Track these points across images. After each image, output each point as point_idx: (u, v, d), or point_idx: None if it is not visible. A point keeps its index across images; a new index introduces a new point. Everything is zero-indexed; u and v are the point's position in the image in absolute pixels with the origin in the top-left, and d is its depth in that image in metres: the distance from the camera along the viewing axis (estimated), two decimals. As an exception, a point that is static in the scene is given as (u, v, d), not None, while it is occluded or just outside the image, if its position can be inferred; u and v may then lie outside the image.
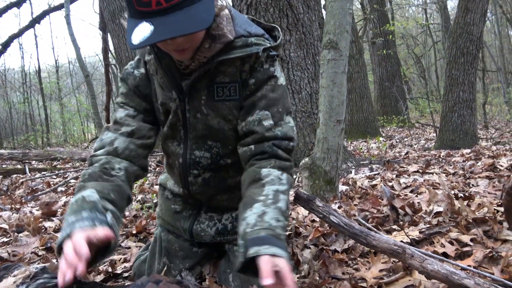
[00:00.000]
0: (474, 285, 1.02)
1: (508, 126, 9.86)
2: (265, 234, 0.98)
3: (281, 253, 0.94)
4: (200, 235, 1.41)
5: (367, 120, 8.67)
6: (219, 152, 1.30)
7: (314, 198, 1.19)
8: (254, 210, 1.05)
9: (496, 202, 2.03)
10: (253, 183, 1.14)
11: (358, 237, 1.11)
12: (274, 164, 1.15)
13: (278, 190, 1.10)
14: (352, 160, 3.88)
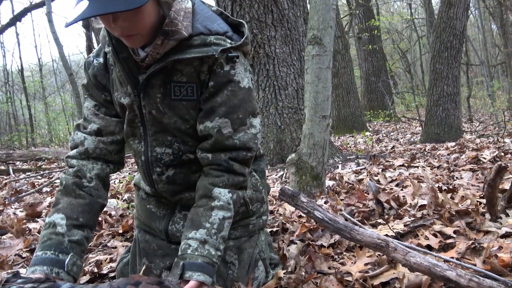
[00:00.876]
0: (456, 276, 1.04)
1: (491, 119, 10.01)
2: (202, 261, 1.12)
3: (208, 280, 1.11)
4: (176, 235, 1.34)
5: (354, 115, 8.73)
6: (180, 148, 1.27)
7: (298, 194, 1.20)
8: (198, 235, 1.16)
9: (479, 194, 2.06)
10: (204, 199, 1.22)
11: (342, 232, 1.11)
12: (226, 182, 1.20)
13: (224, 218, 1.19)
14: (339, 155, 3.91)
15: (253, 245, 1.36)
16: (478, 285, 1.03)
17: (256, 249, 1.38)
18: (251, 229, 1.38)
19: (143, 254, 1.41)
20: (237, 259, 1.33)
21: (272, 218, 2.18)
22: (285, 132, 3.79)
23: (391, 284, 1.25)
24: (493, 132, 6.69)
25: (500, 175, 1.56)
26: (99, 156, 1.30)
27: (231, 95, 1.19)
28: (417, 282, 1.14)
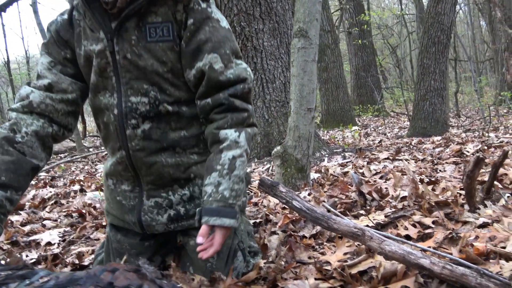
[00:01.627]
0: (430, 264, 1.06)
1: (478, 115, 10.15)
2: (216, 206, 1.13)
3: (226, 222, 1.12)
4: (152, 225, 1.29)
5: (343, 109, 8.77)
6: (157, 97, 1.20)
7: (277, 184, 1.20)
8: (211, 180, 1.16)
9: (460, 186, 2.09)
10: (214, 144, 1.21)
11: (320, 221, 1.13)
12: (231, 122, 1.19)
13: (234, 157, 1.17)
14: (325, 149, 3.93)
15: (231, 235, 1.33)
16: (451, 273, 1.05)
17: (235, 239, 1.35)
18: None
19: (116, 254, 1.38)
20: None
21: (256, 210, 2.19)
22: (272, 125, 3.80)
23: (368, 273, 1.27)
24: (479, 127, 6.78)
25: (478, 167, 1.58)
26: (43, 113, 1.23)
27: (213, 31, 1.18)
28: (392, 270, 1.16)
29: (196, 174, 1.29)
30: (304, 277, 1.32)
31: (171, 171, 1.25)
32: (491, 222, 1.55)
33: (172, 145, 1.24)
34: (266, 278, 1.36)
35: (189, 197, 1.30)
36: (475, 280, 1.04)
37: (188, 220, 1.31)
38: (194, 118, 1.27)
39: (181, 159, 1.26)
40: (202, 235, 1.12)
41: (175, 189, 1.29)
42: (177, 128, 1.24)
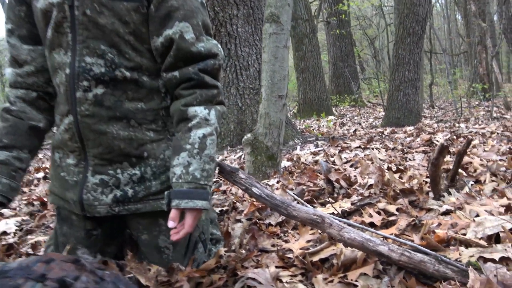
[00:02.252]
0: (388, 251, 1.05)
1: (451, 106, 10.38)
2: (187, 188, 1.06)
3: (199, 204, 1.06)
4: (93, 205, 1.16)
5: (320, 99, 8.79)
6: (114, 60, 1.10)
7: (237, 170, 1.16)
8: (180, 160, 1.09)
9: (426, 174, 2.11)
10: (181, 123, 1.14)
11: (279, 208, 1.09)
12: (200, 98, 1.13)
13: (204, 135, 1.11)
14: (299, 137, 3.92)
15: None
16: (409, 259, 1.04)
17: (196, 231, 1.27)
18: None
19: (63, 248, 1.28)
20: (172, 243, 1.21)
21: (224, 198, 2.15)
22: (246, 113, 3.75)
23: (330, 260, 1.25)
24: (451, 118, 6.93)
25: (442, 154, 1.58)
26: (22, 87, 1.24)
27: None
28: (352, 257, 1.14)
29: (150, 154, 1.18)
30: (265, 265, 1.29)
31: (122, 145, 1.14)
32: (454, 210, 1.56)
33: (127, 116, 1.14)
34: (227, 267, 1.33)
35: (139, 178, 1.17)
36: (432, 267, 1.03)
37: (136, 204, 1.18)
38: (155, 92, 1.18)
39: (135, 134, 1.15)
40: (173, 219, 1.06)
41: (125, 167, 1.17)
42: (134, 98, 1.14)
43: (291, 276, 1.21)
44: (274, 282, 1.18)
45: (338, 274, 1.13)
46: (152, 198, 1.18)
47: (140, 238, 1.24)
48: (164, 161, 1.19)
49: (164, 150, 1.19)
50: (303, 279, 1.20)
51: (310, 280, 1.18)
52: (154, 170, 1.18)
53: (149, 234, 1.22)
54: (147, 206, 1.18)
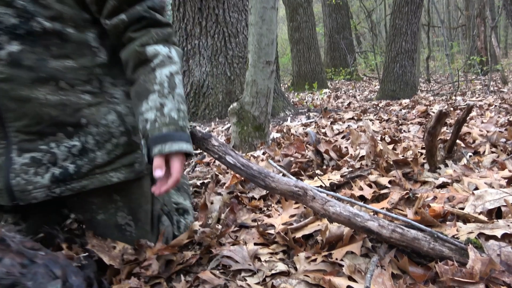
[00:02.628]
0: (378, 227, 0.93)
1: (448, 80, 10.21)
2: (167, 131, 0.95)
3: (184, 147, 0.95)
4: (27, 190, 0.95)
5: (315, 71, 8.57)
6: (26, 8, 0.91)
7: (209, 136, 1.02)
8: (150, 104, 0.97)
9: (422, 145, 1.99)
10: (140, 66, 1.01)
11: (256, 179, 0.96)
12: (157, 37, 1.01)
13: (172, 73, 1.01)
14: (290, 109, 3.76)
15: (148, 199, 1.12)
16: (402, 237, 0.92)
17: (157, 204, 1.15)
18: (138, 169, 1.08)
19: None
20: (132, 220, 1.09)
21: (207, 170, 2.03)
22: (235, 83, 3.58)
23: (314, 237, 1.13)
24: (448, 92, 6.78)
25: (440, 122, 1.45)
26: None
27: None
28: (338, 234, 1.02)
29: (90, 120, 1.01)
30: (243, 242, 1.17)
31: (53, 113, 0.96)
32: (451, 182, 1.44)
33: (54, 77, 0.96)
34: (201, 244, 1.21)
35: (80, 150, 1.00)
36: (427, 245, 0.92)
37: (80, 181, 1.00)
38: (86, 46, 1.00)
39: (68, 98, 0.98)
40: (159, 167, 0.93)
41: (60, 139, 0.98)
42: (61, 55, 0.96)
43: (271, 254, 1.10)
44: (252, 260, 1.06)
45: (322, 253, 1.01)
46: (99, 171, 1.02)
47: (96, 219, 1.07)
48: (108, 127, 1.03)
49: (106, 115, 1.03)
50: (284, 257, 1.09)
51: (292, 258, 1.06)
52: (97, 138, 1.01)
53: (105, 213, 1.07)
54: (94, 182, 1.01)
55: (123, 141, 1.05)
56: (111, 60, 1.06)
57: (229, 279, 0.99)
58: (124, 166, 1.05)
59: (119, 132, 1.04)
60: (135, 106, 1.02)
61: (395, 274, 0.93)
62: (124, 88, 1.09)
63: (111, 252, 1.07)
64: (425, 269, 0.93)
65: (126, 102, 1.08)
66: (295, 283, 0.91)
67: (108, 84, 1.06)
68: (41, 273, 0.59)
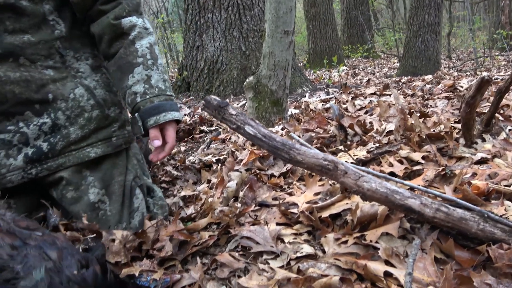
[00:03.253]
0: (420, 206, 0.81)
1: (470, 57, 9.82)
2: (159, 101, 1.00)
3: (176, 115, 1.01)
4: (1, 174, 0.92)
5: (331, 48, 8.31)
6: None
7: (226, 104, 0.91)
8: (137, 77, 1.01)
9: (454, 119, 1.84)
10: (117, 40, 1.03)
11: (280, 151, 0.85)
12: (129, 8, 1.03)
13: (151, 44, 1.04)
14: (308, 85, 3.62)
15: (122, 171, 1.07)
16: (447, 216, 0.81)
17: (130, 175, 1.09)
18: (115, 143, 1.06)
19: None
20: (106, 194, 1.03)
21: (222, 147, 1.93)
22: (250, 58, 3.44)
23: (343, 217, 1.03)
24: (471, 68, 6.49)
25: (481, 91, 1.31)
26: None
27: None
28: (371, 213, 0.91)
29: (57, 95, 0.97)
30: (264, 221, 1.07)
31: (16, 90, 0.92)
32: (491, 158, 1.31)
33: (12, 53, 0.91)
34: (219, 224, 1.12)
35: (51, 127, 0.97)
36: (476, 226, 0.80)
37: (56, 159, 0.97)
38: (42, 20, 0.96)
39: (30, 74, 0.94)
40: (157, 138, 0.99)
41: (28, 117, 0.95)
42: (17, 30, 0.92)
43: (294, 235, 0.99)
44: (275, 241, 0.96)
45: (354, 234, 0.91)
46: (75, 147, 0.99)
47: (66, 197, 1.00)
48: (77, 102, 1.00)
49: (73, 89, 1.00)
50: (310, 238, 0.98)
51: (318, 240, 0.96)
52: (67, 113, 0.99)
53: (76, 190, 1.00)
54: (71, 159, 0.98)
55: (96, 115, 1.03)
56: (71, 33, 1.03)
57: (250, 262, 0.90)
58: (101, 141, 1.03)
59: (89, 105, 1.02)
60: (118, 80, 1.03)
61: (438, 258, 0.82)
62: (88, 61, 1.07)
63: (112, 248, 0.97)
64: (473, 253, 0.81)
65: (92, 75, 1.06)
66: (324, 268, 0.81)
67: (71, 59, 1.03)
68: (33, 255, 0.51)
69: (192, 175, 1.62)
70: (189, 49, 3.63)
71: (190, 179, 1.54)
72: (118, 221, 1.04)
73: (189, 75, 3.67)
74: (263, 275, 0.83)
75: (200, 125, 2.46)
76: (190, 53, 3.64)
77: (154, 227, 1.05)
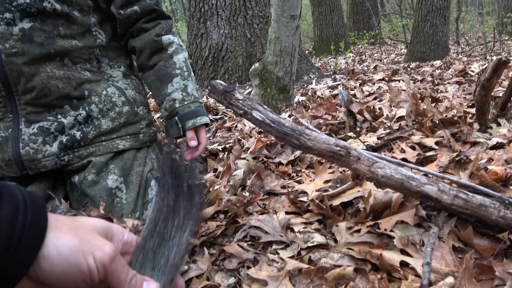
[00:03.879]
0: (437, 192, 0.77)
1: (479, 42, 9.63)
2: (195, 107, 1.15)
3: (207, 120, 1.18)
4: (36, 159, 1.00)
5: (337, 35, 8.18)
6: None
7: (233, 89, 0.88)
8: (175, 85, 1.15)
9: (467, 104, 1.79)
10: (156, 54, 1.17)
11: (289, 137, 0.82)
12: (166, 28, 1.18)
13: (185, 59, 1.19)
14: (314, 72, 3.55)
15: (141, 163, 1.14)
16: (466, 203, 0.77)
17: (147, 166, 1.16)
18: (142, 139, 1.18)
19: None
20: (123, 182, 1.08)
21: (228, 136, 1.89)
22: (255, 45, 3.38)
23: (354, 204, 0.99)
24: (480, 53, 6.36)
25: (497, 73, 1.26)
26: None
27: None
28: (385, 200, 0.88)
29: (91, 91, 1.09)
30: (273, 210, 1.04)
31: (60, 85, 1.02)
32: (507, 142, 1.27)
33: (61, 54, 1.02)
34: (227, 213, 1.09)
35: (85, 117, 1.07)
36: (497, 213, 0.76)
37: (87, 148, 1.06)
38: (87, 29, 1.10)
39: (72, 73, 1.05)
40: (193, 139, 1.14)
41: (66, 111, 1.05)
42: (67, 35, 1.04)
43: (305, 224, 0.96)
44: (284, 231, 0.93)
45: (367, 222, 0.87)
46: (105, 138, 1.09)
47: (86, 179, 1.06)
48: (109, 97, 1.11)
49: (106, 88, 1.12)
50: (321, 227, 0.95)
51: (330, 229, 0.93)
52: (100, 107, 1.09)
53: (97, 174, 1.07)
54: (101, 149, 1.08)
55: (126, 110, 1.13)
56: (109, 44, 1.17)
57: (259, 252, 0.87)
58: (130, 135, 1.13)
59: (120, 101, 1.13)
60: (156, 88, 1.17)
61: (456, 247, 0.78)
62: (121, 69, 1.19)
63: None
64: (493, 241, 0.78)
65: (124, 80, 1.19)
66: (337, 257, 0.78)
67: (106, 65, 1.16)
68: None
69: (198, 164, 1.59)
70: (193, 37, 3.58)
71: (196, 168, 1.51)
72: (132, 210, 1.07)
73: (194, 64, 3.62)
74: (273, 265, 0.80)
75: (206, 114, 2.42)
76: (194, 41, 3.59)
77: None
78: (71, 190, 1.09)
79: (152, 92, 1.20)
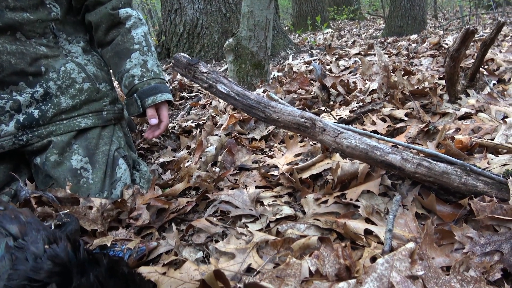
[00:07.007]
0: (401, 161, 0.78)
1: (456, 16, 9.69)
2: (155, 83, 1.09)
3: (169, 96, 1.11)
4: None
5: (316, 10, 8.09)
6: None
7: (196, 62, 0.85)
8: (134, 61, 1.10)
9: (438, 76, 1.81)
10: (114, 28, 1.12)
11: (254, 110, 0.81)
12: (124, 1, 1.12)
13: (145, 33, 1.13)
14: (291, 47, 3.52)
15: (107, 141, 1.09)
16: (428, 171, 0.78)
17: (113, 145, 1.10)
18: (106, 116, 1.11)
19: None
20: (89, 162, 1.04)
21: (202, 113, 1.87)
22: (231, 20, 3.31)
23: (323, 177, 1.00)
24: (457, 27, 6.40)
25: (466, 44, 1.26)
26: None
27: None
28: (352, 171, 0.88)
29: (48, 67, 1.03)
30: (243, 185, 1.04)
31: (12, 60, 0.97)
32: (475, 112, 1.29)
33: (11, 28, 0.96)
34: (198, 189, 1.08)
35: (43, 95, 1.02)
36: (458, 180, 0.78)
37: (47, 127, 1.01)
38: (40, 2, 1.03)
39: (26, 48, 0.99)
40: (154, 116, 1.09)
41: (22, 88, 1.00)
42: (17, 7, 0.97)
43: (275, 197, 0.97)
44: (254, 204, 0.93)
45: (334, 193, 0.88)
46: (66, 116, 1.04)
47: (49, 160, 1.01)
48: (68, 73, 1.06)
49: (64, 64, 1.07)
50: (290, 200, 0.96)
51: (299, 201, 0.93)
52: (58, 83, 1.04)
53: (60, 155, 1.02)
54: (61, 127, 1.03)
55: (87, 87, 1.08)
56: (65, 18, 1.10)
57: (228, 226, 0.87)
58: (92, 113, 1.08)
59: (80, 78, 1.08)
60: (114, 64, 1.12)
61: (419, 214, 0.80)
62: (80, 44, 1.14)
63: (88, 215, 0.94)
64: (455, 207, 0.80)
65: (83, 56, 1.13)
66: (303, 228, 0.79)
67: (64, 40, 1.10)
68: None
69: (172, 142, 1.57)
70: (167, 13, 3.48)
71: (169, 146, 1.49)
72: (100, 190, 1.03)
73: (168, 41, 3.53)
74: (241, 238, 0.80)
75: (180, 91, 2.38)
76: (168, 17, 3.49)
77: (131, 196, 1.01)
78: (35, 172, 1.04)
79: (112, 69, 1.15)
